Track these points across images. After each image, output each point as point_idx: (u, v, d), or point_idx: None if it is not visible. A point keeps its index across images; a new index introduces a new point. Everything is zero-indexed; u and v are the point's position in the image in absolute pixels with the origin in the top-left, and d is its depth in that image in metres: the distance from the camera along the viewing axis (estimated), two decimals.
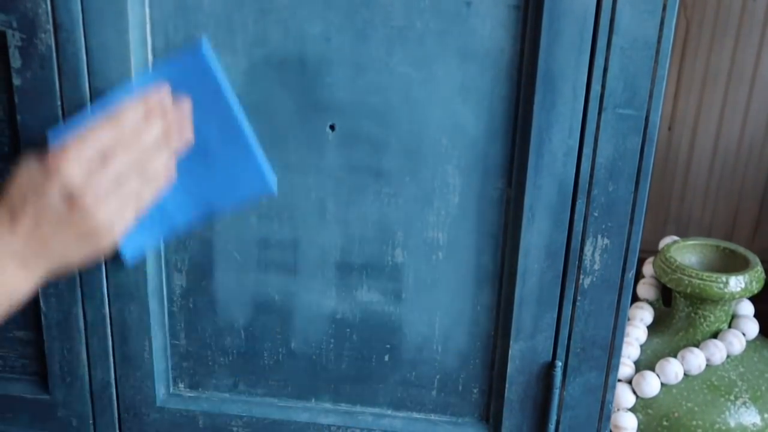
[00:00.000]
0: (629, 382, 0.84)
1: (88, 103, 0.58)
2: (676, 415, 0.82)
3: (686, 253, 0.90)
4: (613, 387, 0.63)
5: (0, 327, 0.68)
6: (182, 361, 0.68)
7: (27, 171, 0.52)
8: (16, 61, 0.57)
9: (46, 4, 0.55)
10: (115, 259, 0.62)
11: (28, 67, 0.57)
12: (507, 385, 0.64)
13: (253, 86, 0.58)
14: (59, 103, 0.58)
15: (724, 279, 0.82)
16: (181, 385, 0.70)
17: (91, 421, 0.70)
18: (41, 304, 0.65)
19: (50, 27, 0.56)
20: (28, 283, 0.53)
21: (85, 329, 0.66)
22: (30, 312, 0.67)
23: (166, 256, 0.64)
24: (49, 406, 0.69)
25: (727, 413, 0.81)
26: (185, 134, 0.55)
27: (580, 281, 0.60)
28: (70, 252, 0.53)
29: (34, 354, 0.69)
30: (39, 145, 0.59)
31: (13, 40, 0.57)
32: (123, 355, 0.66)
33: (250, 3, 0.56)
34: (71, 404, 0.69)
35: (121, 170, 0.52)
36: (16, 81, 0.58)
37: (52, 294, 0.65)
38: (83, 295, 0.64)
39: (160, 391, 0.68)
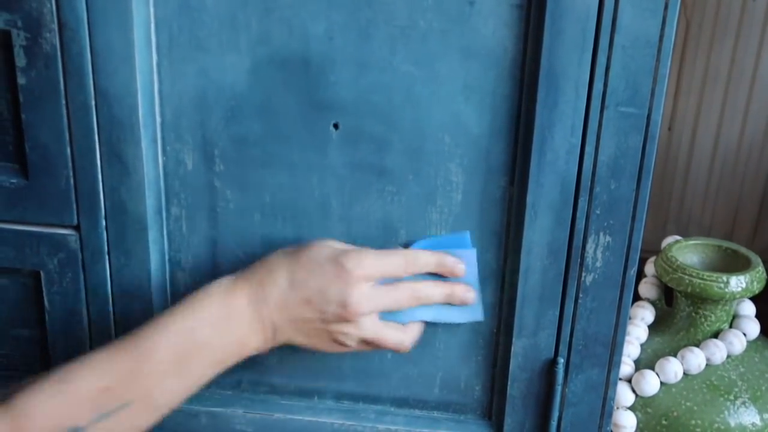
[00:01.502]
0: (629, 380, 0.84)
1: (93, 104, 0.58)
2: (675, 414, 0.82)
3: (688, 252, 0.90)
4: (615, 384, 0.63)
5: (3, 325, 0.68)
6: None
7: (319, 250, 0.56)
8: (21, 60, 0.57)
9: (51, 4, 0.56)
10: None
11: (33, 66, 0.58)
12: (509, 382, 0.64)
13: (257, 85, 0.59)
14: (64, 102, 0.58)
15: (724, 279, 0.82)
16: None
17: None
18: (45, 302, 0.65)
19: (55, 26, 0.56)
20: (266, 345, 0.57)
21: (89, 327, 0.66)
22: (34, 310, 0.67)
23: (169, 254, 0.65)
24: None
25: (726, 413, 0.81)
26: (463, 299, 0.61)
27: (582, 278, 0.60)
28: (316, 342, 0.57)
29: (38, 352, 0.69)
30: (44, 145, 0.59)
31: (18, 39, 0.57)
32: None
33: (254, 2, 0.56)
34: None
35: (399, 301, 0.57)
36: (21, 80, 0.58)
37: (56, 292, 0.65)
38: (87, 293, 0.65)
39: None
